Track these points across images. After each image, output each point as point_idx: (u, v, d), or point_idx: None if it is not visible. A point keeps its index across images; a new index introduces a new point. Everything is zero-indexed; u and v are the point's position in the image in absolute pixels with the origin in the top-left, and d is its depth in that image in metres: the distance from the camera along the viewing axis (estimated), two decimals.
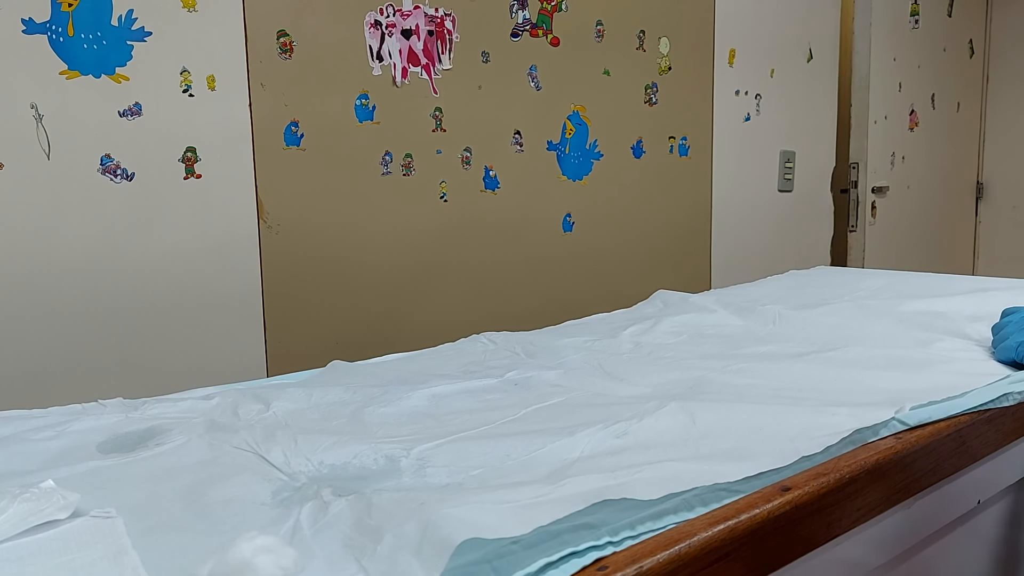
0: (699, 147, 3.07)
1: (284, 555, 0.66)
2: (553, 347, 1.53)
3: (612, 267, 2.84)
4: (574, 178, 2.70)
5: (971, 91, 4.21)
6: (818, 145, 3.52)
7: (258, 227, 2.05)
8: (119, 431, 1.10)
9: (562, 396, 1.20)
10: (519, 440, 0.99)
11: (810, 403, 1.09)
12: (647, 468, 0.87)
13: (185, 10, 1.89)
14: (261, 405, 1.19)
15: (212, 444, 1.04)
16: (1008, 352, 1.27)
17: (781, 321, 1.65)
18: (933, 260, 4.03)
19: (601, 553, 0.70)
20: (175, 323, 1.94)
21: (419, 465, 0.94)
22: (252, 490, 0.88)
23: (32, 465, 0.98)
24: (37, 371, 1.77)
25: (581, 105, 2.68)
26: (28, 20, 1.70)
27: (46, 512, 0.77)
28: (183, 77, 1.90)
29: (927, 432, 1.00)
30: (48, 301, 1.78)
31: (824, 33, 3.47)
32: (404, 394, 1.22)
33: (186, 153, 1.92)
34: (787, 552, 0.83)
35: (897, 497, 0.96)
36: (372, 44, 2.21)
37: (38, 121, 1.73)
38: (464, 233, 2.45)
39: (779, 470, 0.87)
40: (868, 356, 1.34)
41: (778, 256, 3.35)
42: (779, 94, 3.32)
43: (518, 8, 2.49)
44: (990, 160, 4.31)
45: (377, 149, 2.25)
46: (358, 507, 0.80)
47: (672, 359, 1.42)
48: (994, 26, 4.24)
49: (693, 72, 3.01)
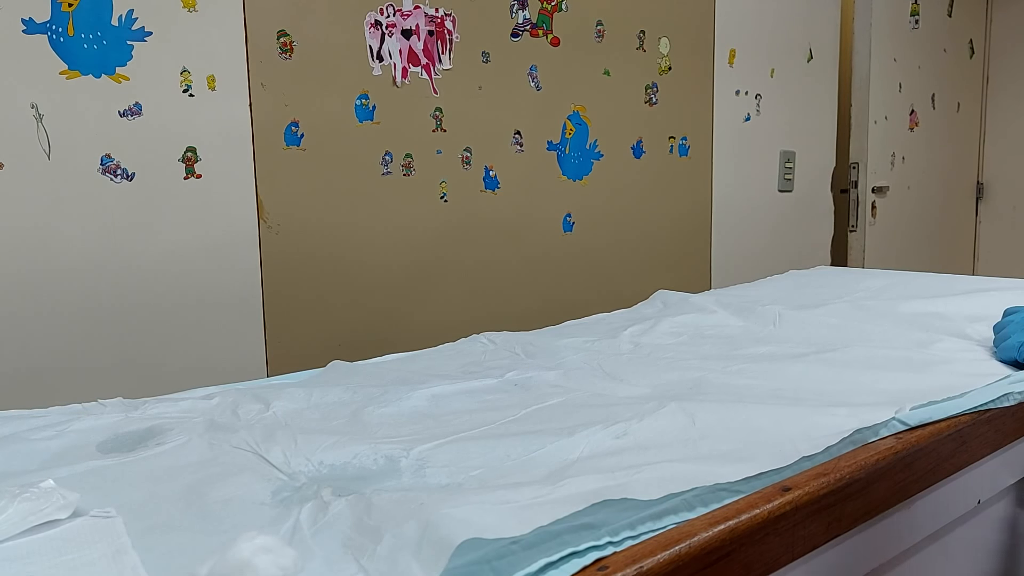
0: (699, 147, 3.07)
1: (284, 555, 0.66)
2: (553, 347, 1.53)
3: (612, 267, 2.84)
4: (574, 178, 2.70)
5: (971, 91, 4.21)
6: (818, 145, 3.52)
7: (258, 227, 2.05)
8: (119, 431, 1.10)
9: (562, 396, 1.20)
10: (519, 440, 0.99)
11: (810, 403, 1.09)
12: (647, 468, 0.87)
13: (185, 10, 1.89)
14: (261, 405, 1.19)
15: (212, 444, 1.04)
16: (1010, 352, 1.26)
17: (781, 322, 1.65)
18: (933, 260, 4.03)
19: (601, 553, 0.70)
20: (175, 323, 1.94)
21: (419, 465, 0.94)
22: (252, 490, 0.88)
23: (32, 465, 0.98)
24: (37, 371, 1.77)
25: (581, 105, 2.68)
26: (28, 20, 1.70)
27: (46, 512, 0.77)
28: (183, 77, 1.90)
29: (927, 432, 1.00)
30: (48, 301, 1.78)
31: (824, 33, 3.47)
32: (404, 394, 1.22)
33: (186, 153, 1.92)
34: (787, 552, 0.83)
35: (897, 497, 0.96)
36: (372, 44, 2.21)
37: (38, 121, 1.73)
38: (464, 233, 2.45)
39: (779, 470, 0.87)
40: (868, 356, 1.34)
41: (778, 256, 3.35)
42: (779, 94, 3.32)
43: (518, 8, 2.49)
44: (990, 160, 4.31)
45: (377, 149, 2.25)
46: (358, 507, 0.80)
47: (672, 360, 1.42)
48: (994, 26, 4.24)
49: (693, 72, 3.01)
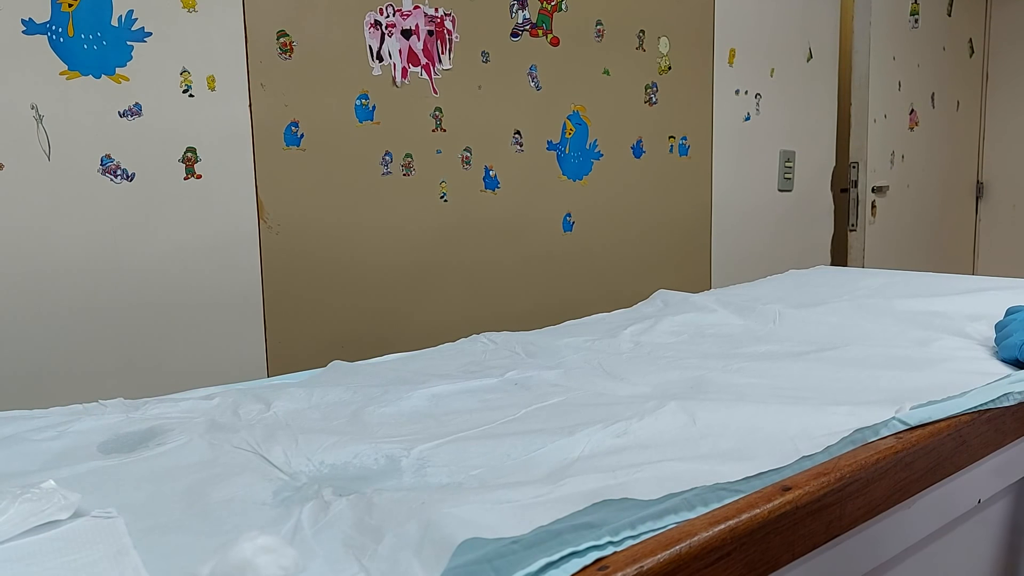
0: (699, 147, 3.07)
1: (285, 555, 0.66)
2: (553, 347, 1.53)
3: (612, 267, 2.84)
4: (574, 178, 2.70)
5: (971, 90, 4.21)
6: (818, 145, 3.52)
7: (258, 227, 2.05)
8: (120, 431, 1.10)
9: (562, 396, 1.20)
10: (519, 440, 0.99)
11: (810, 403, 1.09)
12: (647, 468, 0.87)
13: (185, 10, 1.89)
14: (262, 405, 1.19)
15: (213, 444, 1.04)
16: (1011, 350, 1.26)
17: (781, 321, 1.65)
18: (933, 260, 4.03)
19: (602, 553, 0.70)
20: (175, 323, 1.94)
21: (419, 465, 0.94)
22: (253, 490, 0.88)
23: (33, 465, 0.98)
24: (37, 371, 1.77)
25: (581, 105, 2.68)
26: (28, 20, 1.70)
27: (47, 512, 0.77)
28: (183, 77, 1.90)
29: (927, 432, 1.00)
30: (48, 301, 1.78)
31: (824, 32, 3.47)
32: (404, 394, 1.22)
33: (186, 153, 1.92)
34: (787, 552, 0.83)
35: (897, 497, 0.96)
36: (372, 44, 2.21)
37: (38, 121, 1.73)
38: (464, 233, 2.45)
39: (779, 470, 0.87)
40: (868, 355, 1.34)
41: (778, 256, 3.35)
42: (779, 94, 3.32)
43: (518, 8, 2.49)
44: (990, 160, 4.31)
45: (377, 149, 2.25)
46: (359, 507, 0.80)
47: (672, 359, 1.42)
48: (994, 25, 4.24)
49: (693, 72, 3.01)
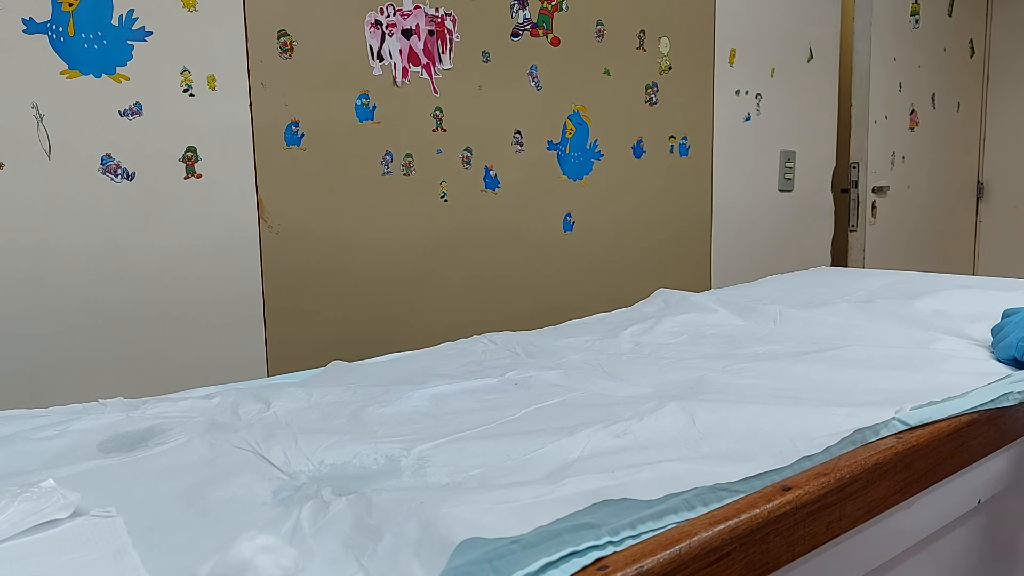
0: (699, 147, 3.07)
1: (284, 554, 0.66)
2: (553, 347, 1.53)
3: (612, 267, 2.84)
4: (574, 178, 2.70)
5: (971, 91, 4.21)
6: (818, 145, 3.52)
7: (258, 227, 2.05)
8: (120, 430, 1.10)
9: (562, 396, 1.20)
10: (519, 440, 0.99)
11: (810, 403, 1.09)
12: (647, 468, 0.87)
13: (185, 10, 1.89)
14: (261, 405, 1.19)
15: (212, 444, 1.04)
16: (1008, 350, 1.26)
17: (781, 321, 1.65)
18: (933, 260, 4.03)
19: (602, 553, 0.70)
20: (175, 323, 1.94)
21: (419, 465, 0.94)
22: (252, 490, 0.88)
23: (33, 464, 0.98)
24: (37, 371, 1.77)
25: (581, 105, 2.68)
26: (28, 20, 1.70)
27: (46, 511, 0.77)
28: (183, 77, 1.90)
29: (927, 432, 1.00)
30: (48, 301, 1.78)
31: (824, 33, 3.47)
32: (404, 394, 1.22)
33: (186, 153, 1.92)
34: (787, 552, 0.83)
35: (897, 497, 0.96)
36: (372, 44, 2.21)
37: (38, 121, 1.73)
38: (464, 233, 2.45)
39: (779, 470, 0.87)
40: (868, 356, 1.34)
41: (778, 256, 3.35)
42: (779, 94, 3.32)
43: (518, 8, 2.49)
44: (990, 160, 4.31)
45: (377, 149, 2.25)
46: (358, 507, 0.80)
47: (672, 359, 1.42)
48: (994, 26, 4.23)
49: (693, 72, 3.01)
